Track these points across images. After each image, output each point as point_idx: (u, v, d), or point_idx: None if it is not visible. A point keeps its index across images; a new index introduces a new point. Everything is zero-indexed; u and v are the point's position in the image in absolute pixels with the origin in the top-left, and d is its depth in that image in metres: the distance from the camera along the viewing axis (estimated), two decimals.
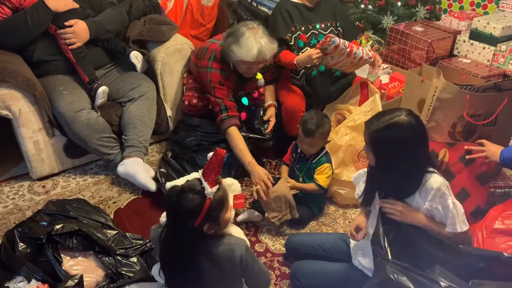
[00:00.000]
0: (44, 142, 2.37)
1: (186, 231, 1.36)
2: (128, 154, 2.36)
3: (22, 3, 2.32)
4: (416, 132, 1.44)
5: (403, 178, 1.49)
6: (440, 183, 1.46)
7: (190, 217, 1.34)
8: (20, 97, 2.22)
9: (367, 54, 2.30)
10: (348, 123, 2.33)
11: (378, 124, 1.45)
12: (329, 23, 2.50)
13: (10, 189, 2.42)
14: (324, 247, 1.84)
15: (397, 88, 2.90)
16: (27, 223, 1.82)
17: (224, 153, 1.39)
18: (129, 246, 1.87)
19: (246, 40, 2.12)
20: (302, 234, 2.12)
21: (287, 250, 1.98)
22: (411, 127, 1.42)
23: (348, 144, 2.27)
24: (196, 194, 1.34)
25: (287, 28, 2.43)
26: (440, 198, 1.46)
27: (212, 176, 1.36)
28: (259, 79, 2.44)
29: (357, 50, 2.25)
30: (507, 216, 1.79)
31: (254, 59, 2.15)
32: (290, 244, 1.95)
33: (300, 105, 2.44)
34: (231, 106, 2.29)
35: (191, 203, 1.33)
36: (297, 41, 2.44)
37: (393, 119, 1.43)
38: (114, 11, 2.59)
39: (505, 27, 2.94)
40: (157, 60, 2.62)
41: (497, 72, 2.90)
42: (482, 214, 1.95)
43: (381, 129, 1.44)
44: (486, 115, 2.07)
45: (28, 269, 1.66)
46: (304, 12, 2.47)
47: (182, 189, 1.34)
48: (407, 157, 1.44)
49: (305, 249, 1.87)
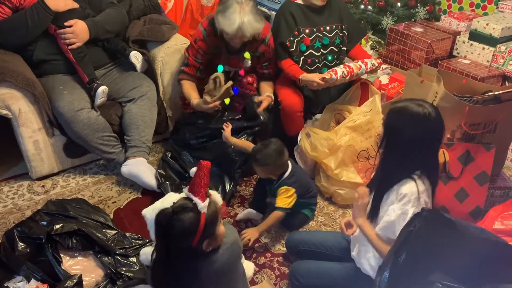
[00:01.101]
0: (44, 142, 2.37)
1: (183, 253, 1.30)
2: (132, 155, 2.37)
3: (22, 2, 2.32)
4: (430, 132, 1.44)
5: (392, 167, 1.50)
6: (409, 191, 1.45)
7: (187, 237, 1.27)
8: (20, 96, 2.22)
9: (373, 65, 2.39)
10: (347, 123, 2.33)
11: (399, 102, 1.47)
12: (335, 25, 2.47)
13: (10, 189, 2.42)
14: (325, 244, 1.83)
15: (397, 89, 2.90)
16: (27, 223, 1.82)
17: (209, 165, 1.33)
18: (129, 246, 1.87)
19: (231, 13, 2.18)
20: (303, 232, 2.12)
21: (288, 248, 1.97)
22: (429, 119, 1.41)
23: (347, 144, 2.27)
24: (190, 211, 1.27)
25: (290, 32, 2.41)
26: (403, 205, 1.45)
27: (202, 190, 1.30)
28: (246, 59, 2.47)
29: (358, 70, 2.34)
30: (506, 217, 1.80)
31: (233, 33, 2.21)
32: (291, 242, 1.94)
33: (297, 105, 2.43)
34: (192, 65, 2.46)
35: (187, 222, 1.25)
36: (299, 45, 2.43)
37: (415, 103, 1.44)
38: (114, 11, 2.59)
39: (505, 27, 2.94)
40: (157, 60, 2.62)
41: (497, 72, 2.90)
42: (481, 214, 1.96)
43: (399, 106, 1.46)
44: (486, 124, 2.06)
45: (28, 268, 1.66)
46: (308, 14, 2.44)
47: (173, 210, 1.27)
48: (407, 149, 1.45)
49: (306, 247, 1.86)
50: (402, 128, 1.44)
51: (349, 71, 2.31)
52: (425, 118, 1.41)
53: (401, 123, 1.45)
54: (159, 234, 1.31)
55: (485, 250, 1.25)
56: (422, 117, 1.41)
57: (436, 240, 1.25)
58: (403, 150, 1.46)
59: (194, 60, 2.45)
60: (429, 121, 1.42)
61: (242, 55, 2.45)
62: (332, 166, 2.26)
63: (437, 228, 1.26)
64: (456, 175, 2.02)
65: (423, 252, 1.25)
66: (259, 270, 1.94)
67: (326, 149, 2.27)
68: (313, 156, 2.32)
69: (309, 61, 2.45)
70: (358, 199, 1.57)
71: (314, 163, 2.46)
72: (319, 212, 2.29)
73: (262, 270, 1.95)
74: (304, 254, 1.86)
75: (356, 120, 2.32)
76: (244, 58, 2.46)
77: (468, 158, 2.01)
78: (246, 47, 2.43)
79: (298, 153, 2.51)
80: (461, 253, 1.25)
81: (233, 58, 2.48)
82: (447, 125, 2.10)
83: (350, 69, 2.32)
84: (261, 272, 1.94)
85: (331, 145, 2.26)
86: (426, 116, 1.41)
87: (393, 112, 1.48)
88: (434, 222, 1.26)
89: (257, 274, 1.92)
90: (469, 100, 2.03)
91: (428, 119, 1.41)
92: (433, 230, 1.26)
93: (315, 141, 2.31)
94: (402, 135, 1.44)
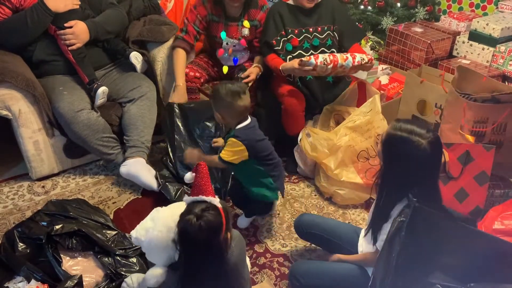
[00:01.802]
0: (44, 142, 2.37)
1: (216, 252, 1.33)
2: (131, 155, 2.37)
3: (22, 3, 2.32)
4: (424, 165, 1.42)
5: (392, 187, 1.49)
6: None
7: (216, 235, 1.31)
8: (20, 97, 2.22)
9: (362, 60, 2.27)
10: (347, 123, 2.33)
11: (400, 129, 1.43)
12: (326, 26, 2.49)
13: (10, 189, 2.42)
14: (336, 233, 1.81)
15: (397, 89, 2.91)
16: (27, 223, 1.82)
17: (205, 164, 1.38)
18: (129, 247, 1.86)
19: None
20: (315, 215, 2.10)
21: (297, 228, 1.92)
22: (424, 154, 1.39)
23: (347, 144, 2.27)
24: (211, 210, 1.31)
25: (277, 32, 2.45)
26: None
27: (209, 188, 1.35)
28: (245, 27, 2.51)
29: (344, 62, 2.23)
30: (506, 217, 1.80)
31: None
32: (301, 222, 1.89)
33: (300, 104, 2.44)
34: (190, 32, 2.50)
35: (213, 220, 1.29)
36: (285, 44, 2.45)
37: (415, 136, 1.39)
38: (114, 12, 2.59)
39: (504, 28, 2.95)
40: (157, 61, 2.62)
41: (496, 73, 2.90)
42: (481, 214, 1.96)
43: (397, 135, 1.42)
44: (493, 122, 2.06)
45: (28, 269, 1.66)
46: (298, 15, 2.47)
47: (196, 216, 1.29)
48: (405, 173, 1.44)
49: (317, 230, 1.83)
50: (398, 156, 1.44)
51: (332, 60, 2.22)
52: (419, 151, 1.39)
53: (398, 150, 1.43)
54: (185, 246, 1.33)
55: (479, 244, 1.26)
56: (418, 150, 1.39)
57: (429, 232, 1.27)
58: (398, 173, 1.45)
59: (193, 26, 2.50)
60: (424, 155, 1.39)
61: (241, 23, 2.50)
62: (332, 167, 2.26)
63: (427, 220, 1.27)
64: (455, 175, 2.02)
65: (416, 245, 1.26)
66: (259, 271, 1.94)
67: (326, 149, 2.27)
68: (313, 156, 2.32)
69: None
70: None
71: (314, 163, 2.46)
72: (319, 213, 2.29)
73: (262, 270, 1.95)
74: (313, 238, 1.85)
75: (356, 121, 2.32)
76: (243, 27, 2.51)
77: (468, 158, 2.01)
78: (245, 15, 2.50)
79: (298, 153, 2.51)
80: (454, 246, 1.26)
81: (232, 27, 2.53)
82: (455, 119, 2.13)
83: (335, 58, 2.23)
84: (261, 272, 1.94)
85: (331, 145, 2.26)
86: (421, 150, 1.38)
87: (393, 138, 1.44)
88: (424, 214, 1.28)
89: (257, 274, 1.93)
90: (467, 97, 2.04)
91: (423, 153, 1.38)
92: (424, 221, 1.27)
93: (315, 141, 2.31)
94: (398, 160, 1.44)
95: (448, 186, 2.02)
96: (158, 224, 1.47)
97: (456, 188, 2.01)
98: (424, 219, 1.28)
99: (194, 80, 2.53)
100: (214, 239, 1.30)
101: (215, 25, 2.54)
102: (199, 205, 1.33)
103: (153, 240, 1.46)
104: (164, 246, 1.45)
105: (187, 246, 1.33)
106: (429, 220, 1.28)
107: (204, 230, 1.27)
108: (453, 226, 1.28)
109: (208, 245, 1.30)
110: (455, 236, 1.27)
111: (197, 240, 1.28)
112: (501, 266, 1.24)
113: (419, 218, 1.27)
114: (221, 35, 2.50)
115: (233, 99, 1.84)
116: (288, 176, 2.55)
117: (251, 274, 1.92)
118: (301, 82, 2.48)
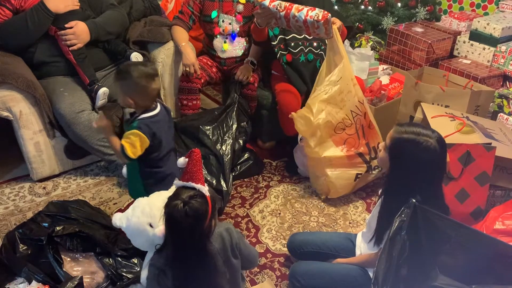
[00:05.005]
0: (45, 144, 2.38)
1: (199, 238, 1.36)
2: None
3: (22, 4, 2.33)
4: (434, 164, 1.43)
5: (400, 192, 1.49)
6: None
7: (201, 222, 1.33)
8: (20, 98, 2.23)
9: (316, 16, 2.07)
10: (320, 96, 2.20)
11: (405, 132, 1.44)
12: None
13: (11, 191, 2.42)
14: (328, 245, 1.82)
15: (397, 89, 2.90)
16: (28, 224, 1.82)
17: (199, 151, 1.42)
18: (130, 248, 1.86)
19: None
20: (306, 233, 2.11)
21: (290, 249, 1.93)
22: (434, 153, 1.40)
23: (325, 120, 2.19)
24: (198, 198, 1.34)
25: None
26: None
27: (200, 176, 1.39)
28: (241, 3, 2.58)
29: (297, 13, 2.11)
30: (507, 217, 1.80)
31: None
32: (293, 242, 1.91)
33: (295, 104, 2.42)
34: (185, 12, 2.62)
35: (199, 208, 1.32)
36: (273, 29, 2.48)
37: (422, 137, 1.41)
38: (115, 13, 2.59)
39: (505, 27, 2.94)
40: (157, 61, 2.62)
41: (497, 72, 2.89)
42: (482, 215, 1.96)
43: (404, 138, 1.43)
44: None
45: (29, 270, 1.67)
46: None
47: (183, 202, 1.32)
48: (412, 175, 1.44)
49: (309, 248, 1.84)
50: (408, 158, 1.44)
51: (286, 6, 2.13)
52: (429, 151, 1.40)
53: (407, 152, 1.44)
54: (172, 231, 1.37)
55: (479, 244, 1.26)
56: (428, 150, 1.40)
57: (430, 231, 1.27)
58: (407, 176, 1.46)
59: (187, 7, 2.60)
60: (434, 154, 1.41)
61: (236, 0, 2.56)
62: (312, 145, 2.21)
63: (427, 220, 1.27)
64: (456, 176, 2.02)
65: (417, 245, 1.27)
66: (260, 271, 1.94)
67: (305, 127, 2.22)
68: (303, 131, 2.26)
69: (292, 44, 2.49)
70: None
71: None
72: (319, 213, 2.29)
73: (263, 270, 1.95)
74: (307, 256, 1.84)
75: (328, 91, 2.19)
76: (238, 3, 2.57)
77: (469, 158, 2.00)
78: None
79: (298, 153, 2.51)
80: (455, 245, 1.26)
81: (227, 3, 2.58)
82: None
83: (290, 5, 2.14)
84: (261, 272, 1.94)
85: (308, 127, 2.20)
86: (431, 149, 1.40)
87: (400, 141, 1.45)
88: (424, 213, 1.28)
89: (258, 274, 1.93)
90: None
91: (433, 152, 1.40)
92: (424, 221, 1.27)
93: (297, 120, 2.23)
94: (407, 163, 1.45)
95: (449, 187, 2.01)
96: (136, 211, 1.54)
97: (457, 189, 2.01)
98: (424, 219, 1.28)
99: (195, 81, 2.53)
100: (198, 225, 1.33)
101: (210, 4, 2.59)
102: (188, 191, 1.36)
103: (131, 225, 1.54)
104: (141, 229, 1.52)
105: (172, 230, 1.37)
106: (430, 220, 1.28)
107: (189, 216, 1.30)
108: (453, 226, 1.28)
109: (191, 230, 1.33)
110: (455, 236, 1.27)
111: (182, 225, 1.32)
112: (502, 267, 1.24)
113: (419, 218, 1.27)
114: (212, 13, 2.57)
115: (148, 83, 1.71)
116: (288, 177, 2.55)
117: (252, 274, 1.92)
118: (294, 66, 2.49)
